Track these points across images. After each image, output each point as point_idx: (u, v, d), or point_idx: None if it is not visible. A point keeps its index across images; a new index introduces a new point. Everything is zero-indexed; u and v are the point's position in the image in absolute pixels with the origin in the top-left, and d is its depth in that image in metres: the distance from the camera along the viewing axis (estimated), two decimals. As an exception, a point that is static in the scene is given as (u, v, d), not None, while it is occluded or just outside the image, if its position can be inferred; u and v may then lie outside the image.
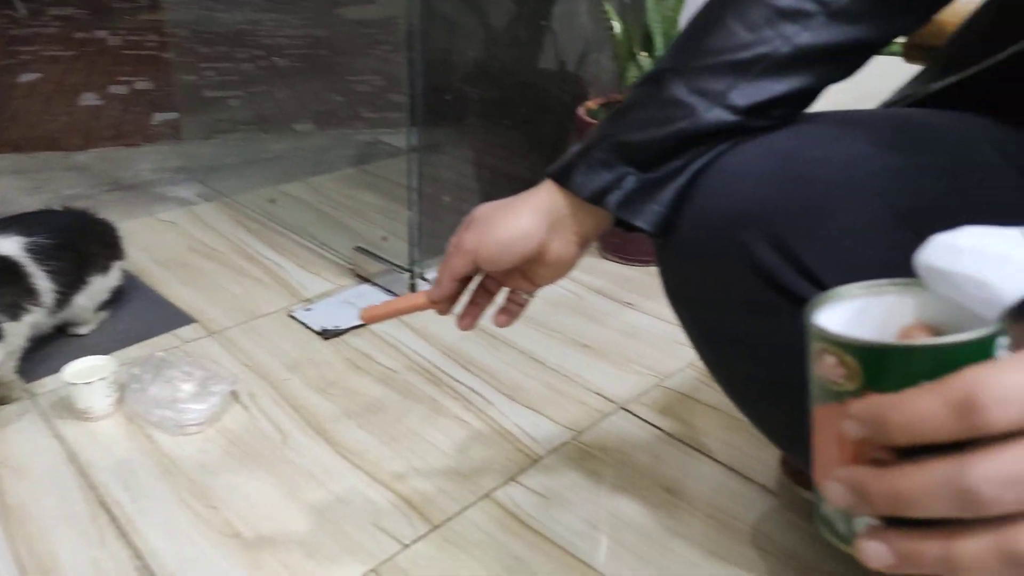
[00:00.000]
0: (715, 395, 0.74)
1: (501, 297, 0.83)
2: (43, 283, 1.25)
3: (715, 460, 1.14)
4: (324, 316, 1.52)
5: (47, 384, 1.28)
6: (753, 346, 0.66)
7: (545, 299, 1.59)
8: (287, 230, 1.92)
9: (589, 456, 1.15)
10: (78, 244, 1.36)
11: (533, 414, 1.24)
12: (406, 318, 1.52)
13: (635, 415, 1.24)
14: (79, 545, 0.97)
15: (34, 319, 1.24)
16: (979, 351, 0.31)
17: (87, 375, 1.17)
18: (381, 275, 1.65)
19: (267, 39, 3.65)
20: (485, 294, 0.81)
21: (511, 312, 0.83)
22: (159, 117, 3.10)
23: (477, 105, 1.94)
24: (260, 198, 2.11)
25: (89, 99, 3.29)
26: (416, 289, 1.60)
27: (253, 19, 3.56)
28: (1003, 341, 0.32)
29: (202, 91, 3.31)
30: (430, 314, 0.79)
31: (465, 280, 0.75)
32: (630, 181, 0.66)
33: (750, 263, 0.61)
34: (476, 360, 1.39)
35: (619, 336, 1.47)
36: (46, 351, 1.35)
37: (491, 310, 0.83)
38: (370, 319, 0.79)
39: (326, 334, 1.46)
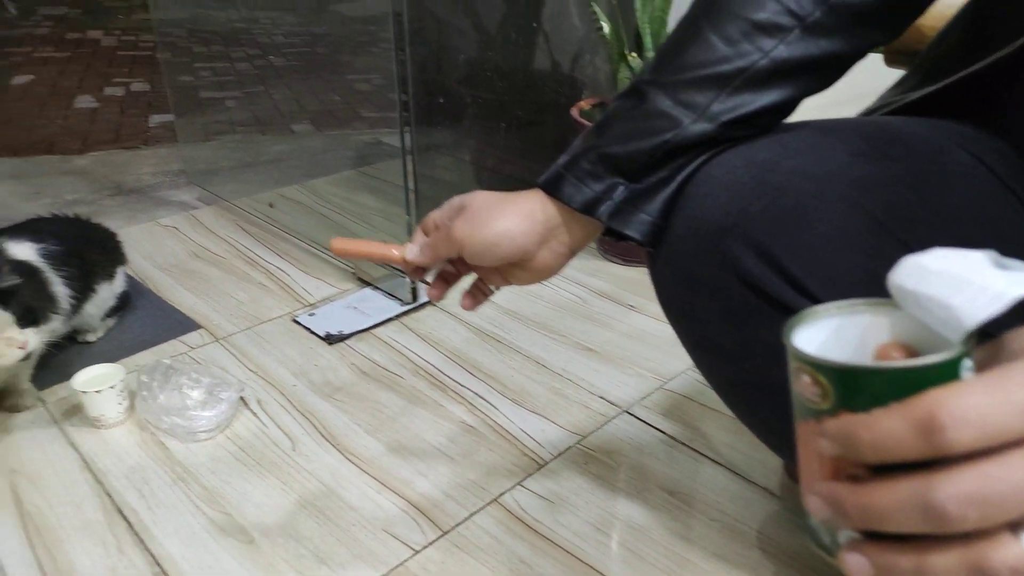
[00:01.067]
0: (717, 398, 0.76)
1: (468, 280, 0.83)
2: (60, 289, 1.27)
3: (718, 463, 1.16)
4: (328, 321, 1.54)
5: (58, 392, 1.29)
6: (743, 353, 0.68)
7: (550, 302, 1.61)
8: (288, 234, 1.94)
9: (594, 460, 1.17)
10: (83, 250, 1.38)
11: (538, 419, 1.27)
12: (410, 323, 1.54)
13: (638, 418, 1.27)
14: (98, 553, 0.98)
15: (52, 326, 1.25)
16: (945, 373, 0.33)
17: (98, 383, 1.18)
18: (384, 279, 1.67)
19: (263, 37, 3.64)
20: (454, 271, 0.82)
21: (476, 298, 0.83)
22: (156, 119, 3.10)
23: (473, 106, 1.96)
24: (259, 202, 2.12)
25: (85, 102, 3.29)
26: (417, 293, 1.62)
27: (248, 17, 3.55)
28: (968, 363, 0.33)
29: (198, 92, 3.31)
30: (435, 319, 0.81)
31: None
32: (620, 191, 0.68)
33: (736, 272, 0.63)
34: (481, 365, 1.41)
35: (622, 339, 1.49)
36: (56, 359, 1.36)
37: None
38: (341, 252, 0.78)
39: (331, 339, 1.48)
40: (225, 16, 3.27)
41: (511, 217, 0.71)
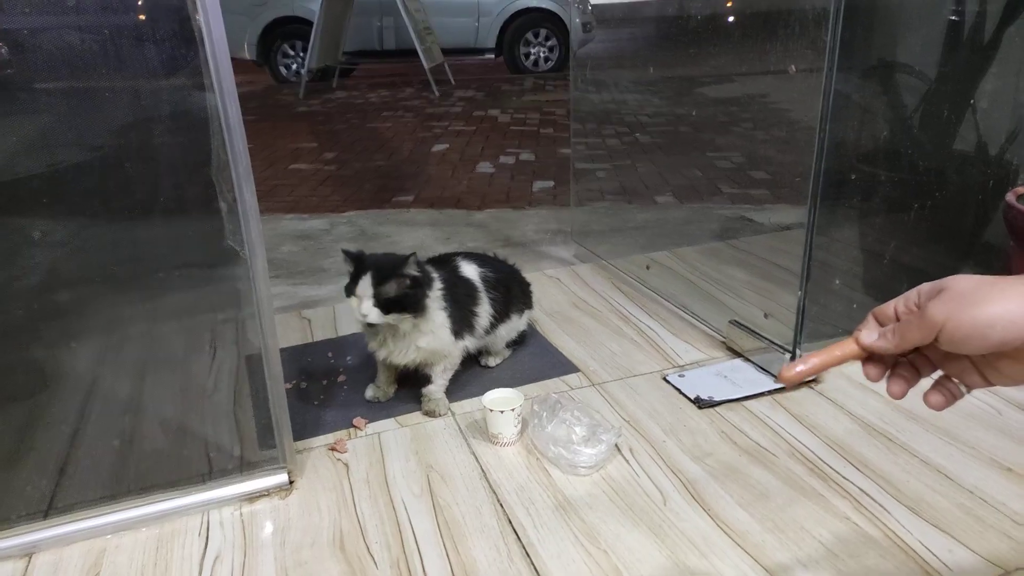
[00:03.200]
0: None
1: (927, 379, 0.71)
2: (486, 308, 1.52)
3: None
4: (697, 385, 1.54)
5: (464, 406, 1.48)
6: None
7: (954, 408, 1.40)
8: (659, 296, 2.00)
9: (1022, 602, 0.97)
10: (509, 284, 1.62)
11: (944, 536, 1.09)
12: (784, 401, 1.46)
13: (1085, 567, 1.02)
14: (492, 556, 1.09)
15: (473, 340, 1.49)
16: None
17: (502, 404, 1.33)
18: (756, 352, 1.62)
19: (630, 117, 3.89)
20: (912, 369, 0.70)
21: (946, 396, 0.70)
22: (539, 184, 3.49)
23: (873, 187, 1.83)
24: (632, 263, 2.23)
25: (484, 167, 3.85)
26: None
27: (619, 99, 3.83)
28: None
29: (573, 163, 3.64)
30: (812, 402, 0.75)
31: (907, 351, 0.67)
32: None
33: None
34: (868, 461, 1.27)
35: (1054, 466, 1.24)
36: (462, 377, 1.57)
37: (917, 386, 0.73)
38: (794, 378, 0.69)
39: (700, 403, 1.47)
40: (599, 98, 3.59)
41: (1011, 299, 0.59)
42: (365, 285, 1.33)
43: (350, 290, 1.37)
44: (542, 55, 7.84)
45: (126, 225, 1.24)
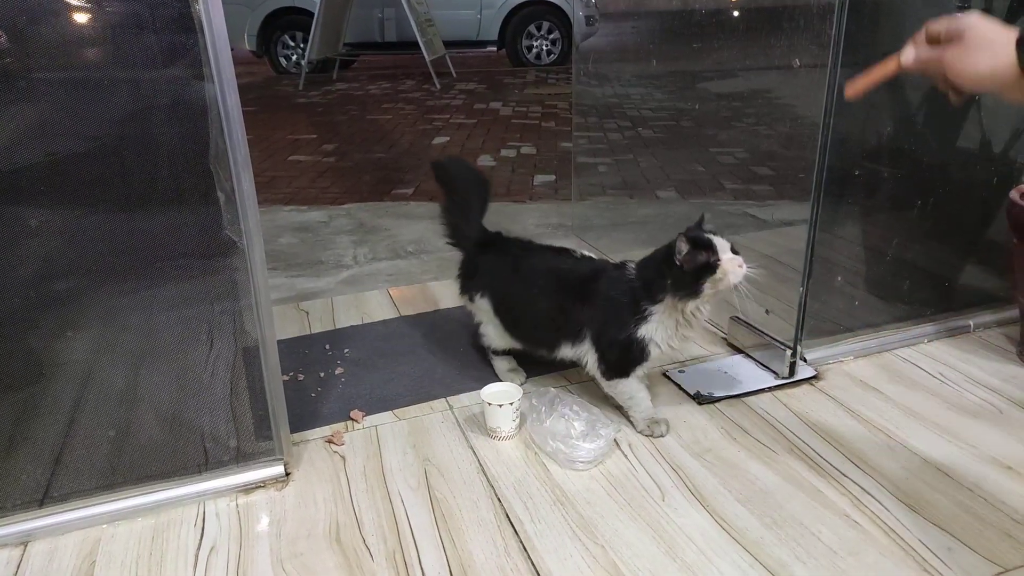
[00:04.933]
0: None
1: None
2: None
3: None
4: (698, 380, 1.53)
5: (462, 400, 1.47)
6: None
7: (953, 405, 1.40)
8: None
9: (1021, 601, 0.97)
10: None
11: (942, 534, 1.09)
12: (784, 398, 1.46)
13: (1085, 567, 1.02)
14: (489, 550, 1.08)
15: None
16: None
17: (500, 398, 1.32)
18: (757, 348, 1.61)
19: (632, 111, 3.88)
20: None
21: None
22: (540, 179, 3.47)
23: (876, 184, 1.82)
24: (634, 259, 2.22)
25: (485, 160, 3.83)
26: (795, 369, 1.53)
27: (622, 93, 3.81)
28: None
29: (577, 157, 3.62)
30: (812, 399, 0.75)
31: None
32: None
33: None
34: (868, 458, 1.27)
35: (1055, 465, 1.23)
36: (460, 371, 1.57)
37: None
38: (855, 92, 0.91)
39: (700, 399, 1.46)
40: (601, 92, 3.57)
41: (997, 56, 0.78)
42: (724, 245, 1.28)
43: (709, 257, 1.26)
44: (545, 48, 7.81)
45: (124, 215, 1.23)
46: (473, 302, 1.53)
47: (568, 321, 1.37)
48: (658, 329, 1.31)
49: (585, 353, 1.37)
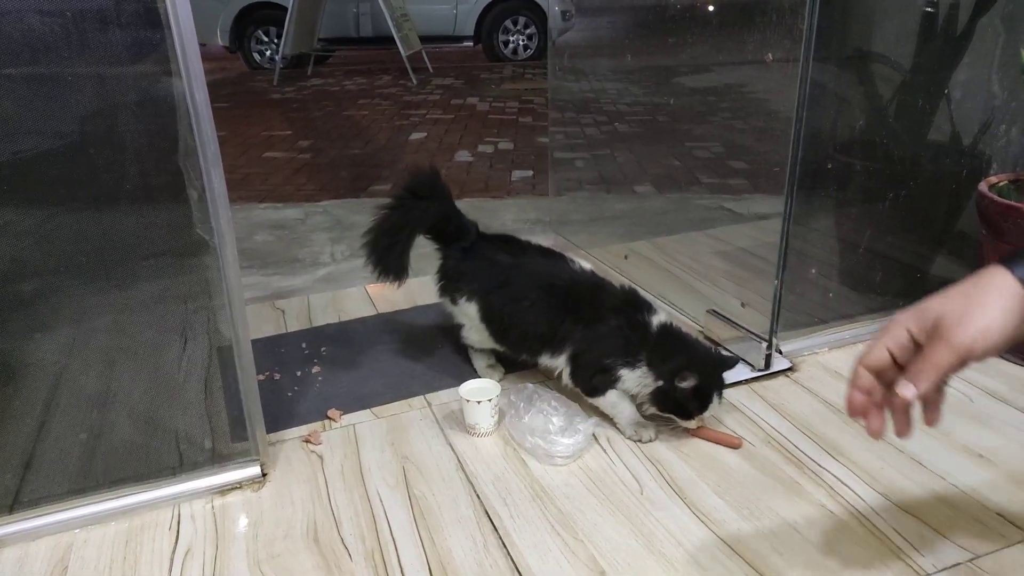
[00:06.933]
0: None
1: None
2: None
3: None
4: (675, 375, 1.54)
5: (440, 397, 1.47)
6: None
7: (925, 394, 1.42)
8: (637, 285, 1.99)
9: (992, 587, 0.99)
10: None
11: (915, 522, 1.11)
12: (760, 390, 1.47)
13: (1053, 551, 1.04)
14: (468, 546, 1.08)
15: None
16: None
17: (478, 395, 1.32)
18: (733, 341, 1.62)
19: (609, 106, 3.89)
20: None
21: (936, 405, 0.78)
22: (517, 174, 3.47)
23: (849, 176, 1.84)
24: (610, 253, 2.23)
25: (463, 156, 3.82)
26: (771, 361, 1.54)
27: (598, 88, 3.82)
28: None
29: (553, 152, 3.62)
30: (789, 391, 0.76)
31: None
32: None
33: None
34: (842, 448, 1.28)
35: (1023, 451, 1.26)
36: (439, 368, 1.56)
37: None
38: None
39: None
40: (578, 87, 3.58)
41: (987, 310, 0.71)
42: (716, 404, 1.28)
43: (693, 407, 1.27)
44: (521, 43, 7.80)
45: (92, 214, 1.20)
46: (456, 305, 1.49)
47: (555, 334, 1.36)
48: (632, 383, 1.30)
49: (561, 365, 1.37)
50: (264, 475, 1.24)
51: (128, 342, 1.31)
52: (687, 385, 1.24)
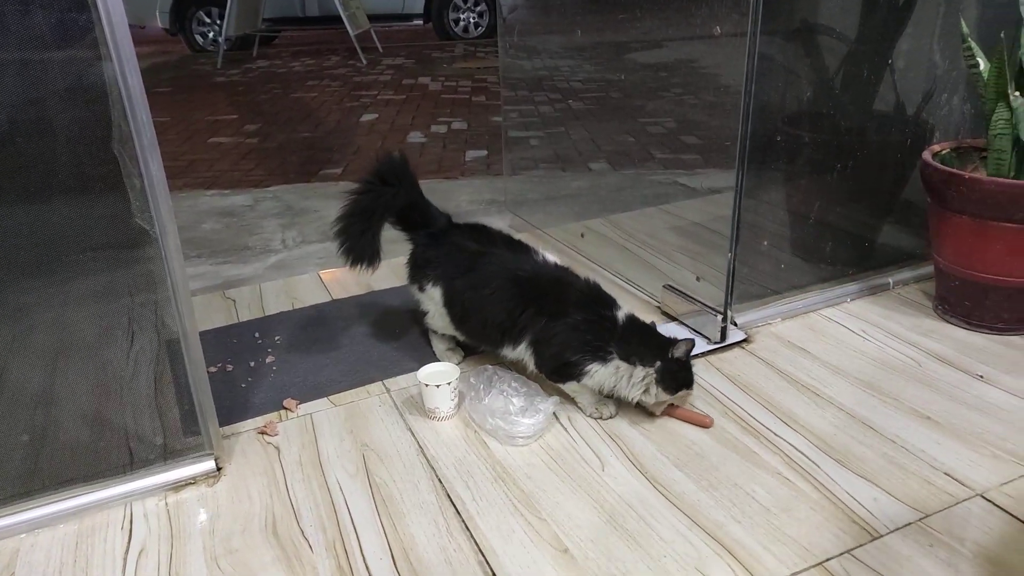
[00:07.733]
0: None
1: None
2: None
3: (1117, 580, 0.94)
4: (633, 350, 1.54)
5: (399, 382, 1.45)
6: None
7: (875, 360, 1.46)
8: (594, 263, 2.00)
9: (940, 543, 1.02)
10: None
11: (869, 485, 1.14)
12: (717, 362, 1.49)
13: (997, 505, 1.08)
14: (431, 531, 1.07)
15: None
16: None
17: (437, 379, 1.30)
18: (691, 315, 1.64)
19: (562, 84, 3.87)
20: None
21: None
22: (471, 154, 3.44)
23: (797, 149, 1.86)
24: (567, 232, 2.23)
25: (416, 137, 3.77)
26: (727, 333, 1.56)
27: (551, 65, 3.79)
28: None
29: (506, 132, 3.59)
30: (744, 362, 0.76)
31: None
32: None
33: None
34: (798, 417, 1.31)
35: (969, 412, 1.30)
36: (398, 353, 1.54)
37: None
38: None
39: (636, 368, 1.48)
40: (530, 64, 3.55)
41: None
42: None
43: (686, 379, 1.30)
44: (472, 20, 7.69)
45: (25, 207, 1.15)
46: (423, 292, 1.46)
47: (515, 324, 1.34)
48: (605, 377, 1.29)
49: (523, 354, 1.36)
50: (219, 469, 1.21)
51: (71, 338, 1.26)
52: (682, 352, 1.26)
